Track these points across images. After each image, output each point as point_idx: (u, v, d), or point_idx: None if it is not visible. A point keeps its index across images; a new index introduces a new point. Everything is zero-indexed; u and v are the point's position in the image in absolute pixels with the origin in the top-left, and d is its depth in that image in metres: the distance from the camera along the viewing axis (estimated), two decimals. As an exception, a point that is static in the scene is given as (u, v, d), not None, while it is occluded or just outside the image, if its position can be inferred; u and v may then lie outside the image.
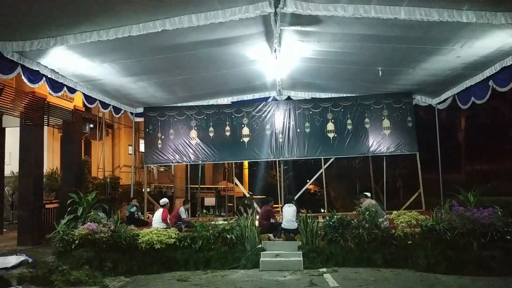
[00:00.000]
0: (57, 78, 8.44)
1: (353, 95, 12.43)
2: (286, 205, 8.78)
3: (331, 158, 12.84)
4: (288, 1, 6.15)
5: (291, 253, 7.57)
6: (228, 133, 12.73)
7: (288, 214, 8.33)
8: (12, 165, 12.24)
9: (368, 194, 9.25)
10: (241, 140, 12.56)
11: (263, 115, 12.73)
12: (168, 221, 8.96)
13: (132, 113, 13.01)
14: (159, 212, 9.10)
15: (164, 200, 9.62)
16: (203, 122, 12.84)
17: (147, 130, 13.06)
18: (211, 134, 12.79)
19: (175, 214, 9.56)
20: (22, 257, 7.79)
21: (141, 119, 13.50)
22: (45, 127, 11.75)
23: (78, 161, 12.65)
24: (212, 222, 8.25)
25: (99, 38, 6.67)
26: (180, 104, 12.94)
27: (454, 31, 7.08)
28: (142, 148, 15.47)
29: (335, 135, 12.33)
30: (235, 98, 12.83)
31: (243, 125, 12.72)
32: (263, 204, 8.86)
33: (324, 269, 7.06)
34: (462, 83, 10.00)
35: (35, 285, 6.65)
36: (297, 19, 6.92)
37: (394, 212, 8.55)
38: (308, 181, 14.42)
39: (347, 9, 6.18)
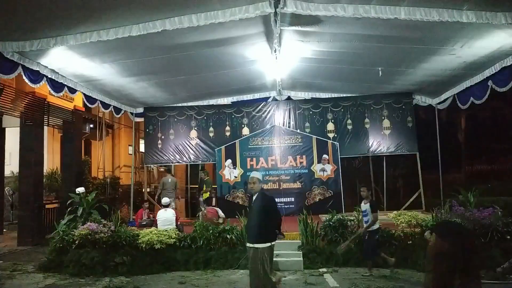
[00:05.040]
0: (57, 78, 8.45)
1: (353, 95, 12.45)
2: None
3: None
4: (288, 1, 6.15)
5: (291, 253, 7.57)
6: (228, 133, 12.74)
7: None
8: (12, 165, 12.24)
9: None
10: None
11: (263, 115, 12.75)
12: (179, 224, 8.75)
13: (132, 113, 13.02)
14: (167, 213, 8.57)
15: (166, 201, 9.08)
16: (203, 122, 12.87)
17: (147, 130, 13.08)
18: (211, 134, 12.81)
19: None
20: None
21: (141, 119, 13.51)
22: (45, 127, 11.74)
23: (78, 161, 12.65)
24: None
25: (99, 38, 6.67)
26: (180, 104, 12.95)
27: (454, 31, 7.08)
28: (142, 148, 15.48)
29: (335, 135, 12.37)
30: (235, 98, 12.85)
31: (243, 125, 12.74)
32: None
33: (324, 269, 7.05)
34: (462, 83, 9.99)
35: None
36: (297, 19, 6.92)
37: (394, 212, 8.56)
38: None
39: (347, 9, 6.18)
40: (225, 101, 12.94)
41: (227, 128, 12.78)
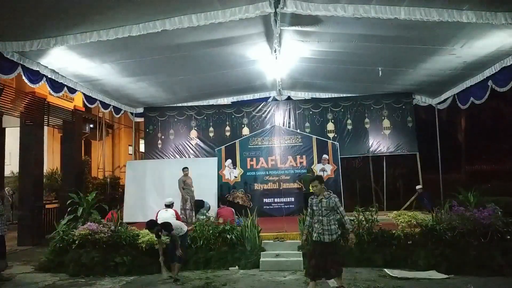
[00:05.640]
0: (57, 78, 8.46)
1: (353, 95, 12.47)
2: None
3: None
4: (288, 1, 6.16)
5: (291, 253, 7.56)
6: (228, 133, 12.76)
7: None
8: (12, 165, 12.24)
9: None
10: (241, 140, 12.62)
11: (263, 115, 12.77)
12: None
13: (132, 113, 13.03)
14: (167, 214, 8.09)
15: (170, 200, 8.54)
16: (203, 122, 12.89)
17: (147, 130, 13.09)
18: (211, 134, 12.82)
19: None
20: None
21: (141, 119, 13.53)
22: (45, 127, 11.74)
23: (78, 161, 12.64)
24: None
25: (99, 38, 6.68)
26: (180, 104, 12.97)
27: (454, 31, 7.09)
28: (142, 148, 15.49)
29: (335, 135, 12.38)
30: (235, 98, 12.88)
31: (243, 125, 12.75)
32: None
33: (324, 269, 7.03)
34: (462, 83, 10.01)
35: None
36: (297, 19, 6.93)
37: (394, 212, 8.56)
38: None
39: (347, 9, 6.19)
40: (225, 101, 12.95)
41: (227, 128, 12.80)
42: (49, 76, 8.20)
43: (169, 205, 8.63)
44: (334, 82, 11.47)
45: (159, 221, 8.33)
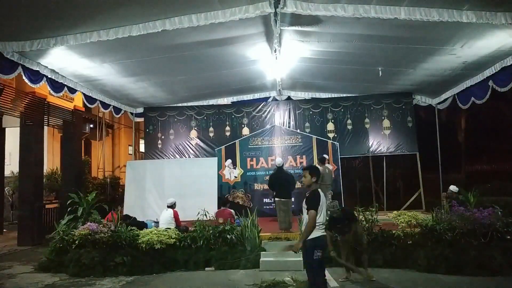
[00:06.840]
0: (57, 78, 8.46)
1: (353, 95, 12.48)
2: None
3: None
4: (288, 1, 6.17)
5: (291, 253, 7.52)
6: (228, 133, 12.77)
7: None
8: (12, 165, 12.24)
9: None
10: (241, 140, 12.62)
11: (263, 115, 12.78)
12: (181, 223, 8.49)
13: (132, 113, 13.04)
14: (166, 213, 8.49)
15: (171, 200, 8.75)
16: (203, 122, 12.90)
17: (147, 130, 13.10)
18: (211, 134, 12.83)
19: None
20: None
21: (141, 119, 13.54)
22: (45, 127, 11.74)
23: (78, 161, 12.65)
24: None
25: (99, 38, 6.69)
26: (180, 104, 12.98)
27: (454, 31, 7.09)
28: (142, 148, 15.50)
29: (335, 135, 12.38)
30: (235, 98, 12.89)
31: (243, 125, 12.76)
32: None
33: (324, 269, 7.03)
34: (462, 83, 10.02)
35: None
36: (297, 19, 6.94)
37: (394, 212, 8.56)
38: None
39: (347, 9, 6.19)
40: (225, 101, 12.97)
41: (227, 128, 12.81)
42: (49, 76, 8.20)
43: (170, 206, 8.67)
44: (334, 82, 11.48)
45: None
